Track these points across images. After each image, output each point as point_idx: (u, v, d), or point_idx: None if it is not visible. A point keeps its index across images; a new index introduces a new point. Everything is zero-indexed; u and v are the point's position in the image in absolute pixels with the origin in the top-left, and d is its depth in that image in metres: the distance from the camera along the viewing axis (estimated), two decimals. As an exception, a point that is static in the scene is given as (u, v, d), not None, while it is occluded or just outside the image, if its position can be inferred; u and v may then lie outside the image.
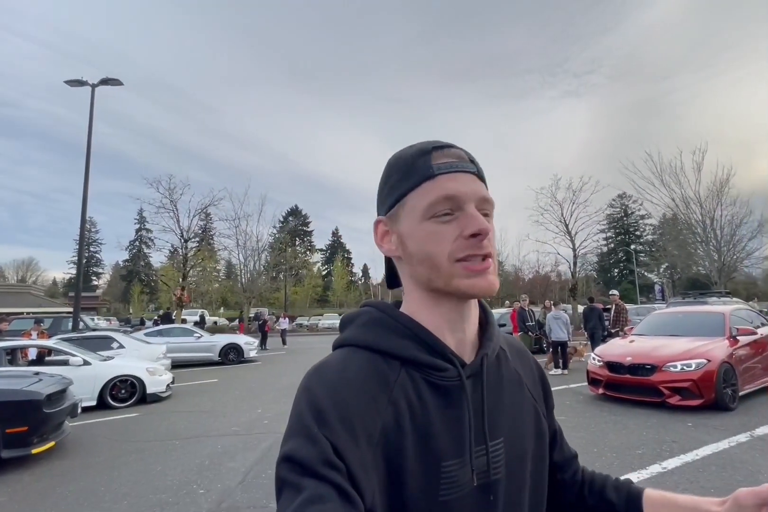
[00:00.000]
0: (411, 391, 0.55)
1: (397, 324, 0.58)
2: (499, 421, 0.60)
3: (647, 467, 3.87)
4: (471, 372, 0.58)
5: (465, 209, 0.56)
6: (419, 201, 0.56)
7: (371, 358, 0.56)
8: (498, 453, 0.58)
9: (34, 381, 5.04)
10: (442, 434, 0.54)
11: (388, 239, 0.61)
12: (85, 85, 14.87)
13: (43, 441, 4.72)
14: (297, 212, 68.84)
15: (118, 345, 9.67)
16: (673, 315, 7.72)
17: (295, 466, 0.46)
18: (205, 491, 3.75)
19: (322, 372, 0.54)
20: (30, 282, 63.20)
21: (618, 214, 63.66)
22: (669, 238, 31.73)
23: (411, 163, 0.58)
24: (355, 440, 0.49)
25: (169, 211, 22.70)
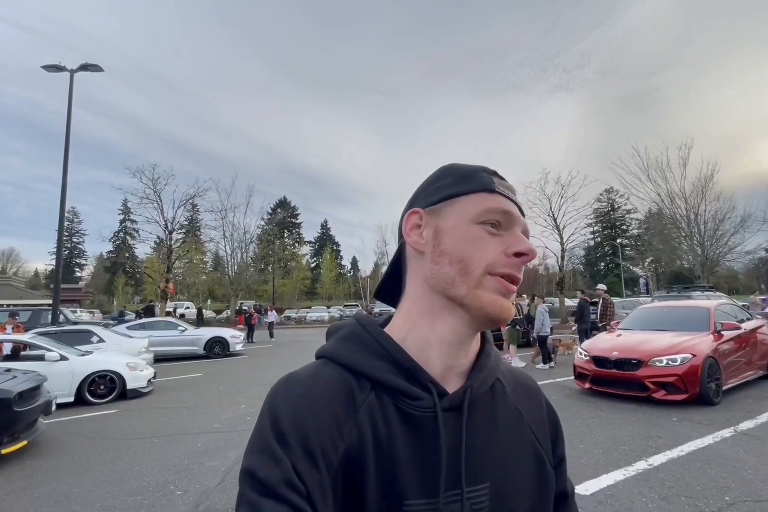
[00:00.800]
0: (378, 416, 0.51)
1: (374, 343, 0.55)
2: (485, 463, 0.53)
3: (633, 463, 3.84)
4: (450, 404, 0.53)
5: (513, 230, 0.55)
6: (475, 204, 0.55)
7: (342, 376, 0.53)
8: (481, 499, 0.51)
9: (4, 378, 4.84)
10: (409, 469, 0.49)
11: (418, 232, 0.58)
12: (63, 70, 14.36)
13: (14, 440, 4.55)
14: (285, 204, 68.16)
15: (98, 339, 9.42)
16: (659, 310, 7.75)
17: (255, 484, 0.45)
18: (182, 492, 3.62)
19: (288, 385, 0.51)
20: (11, 273, 61.81)
21: (605, 209, 64.35)
22: (654, 232, 32.17)
23: (473, 173, 0.58)
24: (315, 463, 0.46)
25: (153, 201, 22.20)
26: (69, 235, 68.35)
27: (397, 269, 0.62)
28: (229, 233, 29.13)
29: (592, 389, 6.46)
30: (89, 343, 9.16)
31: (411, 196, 0.63)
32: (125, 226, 62.18)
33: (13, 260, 71.79)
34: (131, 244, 57.71)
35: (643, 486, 3.40)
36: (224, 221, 28.28)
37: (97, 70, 14.62)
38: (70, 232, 68.48)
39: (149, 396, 7.62)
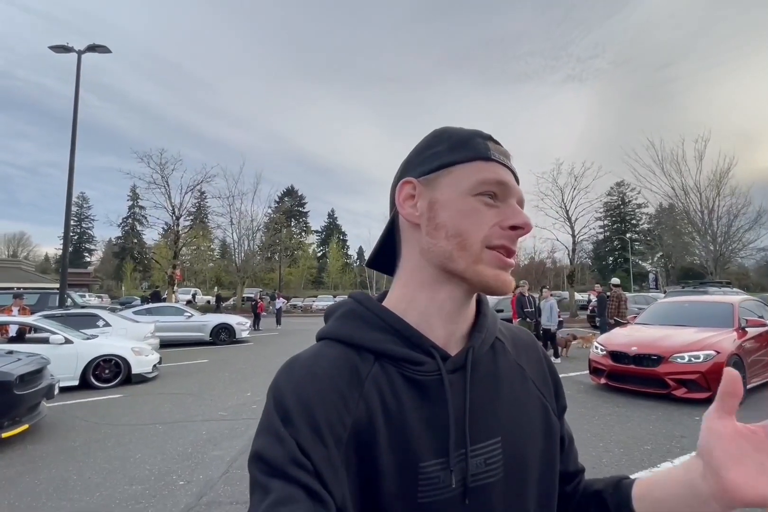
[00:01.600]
0: (385, 386, 0.51)
1: (372, 316, 0.56)
2: (495, 419, 0.55)
3: (658, 464, 3.64)
4: (455, 366, 0.54)
5: (509, 202, 0.54)
6: (470, 174, 0.53)
7: (344, 352, 0.53)
8: (493, 454, 0.53)
9: (5, 360, 4.72)
10: (420, 432, 0.50)
11: (412, 203, 0.56)
12: (71, 51, 14.15)
13: (16, 424, 4.43)
14: (293, 192, 67.92)
15: (104, 323, 9.33)
16: (678, 305, 7.48)
17: (263, 466, 0.45)
18: (185, 482, 3.48)
19: (291, 368, 0.51)
20: (21, 257, 62.40)
21: (615, 202, 63.40)
22: (665, 227, 31.65)
23: (467, 138, 0.56)
24: (322, 439, 0.46)
25: (161, 186, 22.06)
26: (78, 221, 68.73)
27: (390, 238, 0.61)
28: (236, 220, 29.00)
29: (608, 384, 6.25)
30: (95, 327, 9.07)
31: (402, 161, 0.61)
32: (134, 211, 62.22)
33: (24, 244, 72.45)
34: (139, 230, 57.90)
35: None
36: (231, 208, 28.14)
37: (104, 52, 14.38)
38: (79, 218, 68.85)
39: (154, 381, 7.53)
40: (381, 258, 0.63)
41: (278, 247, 38.21)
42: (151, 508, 3.07)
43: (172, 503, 3.15)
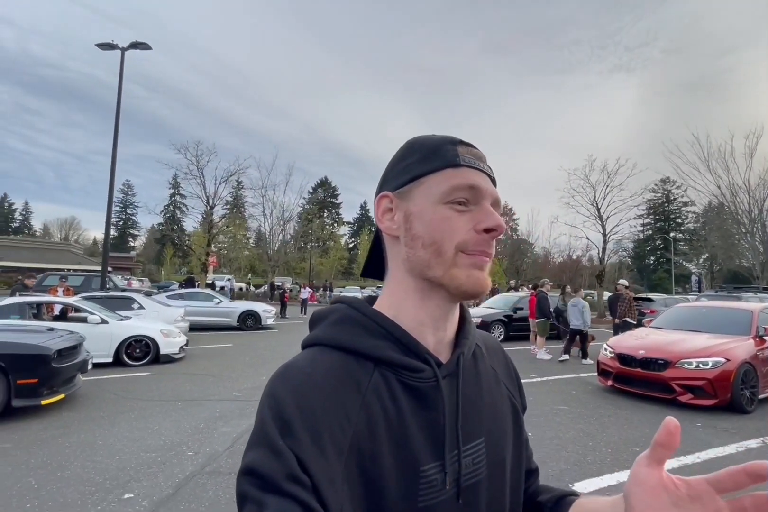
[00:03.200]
0: (385, 394, 0.52)
1: (370, 323, 0.56)
2: (479, 421, 0.58)
3: (641, 466, 3.71)
4: (447, 372, 0.56)
5: (482, 204, 0.55)
6: (440, 183, 0.54)
7: (342, 359, 0.53)
8: (479, 453, 0.56)
9: (46, 336, 5.25)
10: (419, 437, 0.51)
11: (390, 216, 0.58)
12: (115, 48, 14.94)
13: (53, 393, 4.95)
14: (326, 184, 68.75)
15: (139, 306, 10.01)
16: (696, 310, 7.31)
17: (257, 480, 0.44)
18: (193, 453, 3.85)
19: (288, 376, 0.50)
20: (72, 240, 66.33)
21: (659, 200, 60.70)
22: (712, 227, 30.14)
23: (436, 147, 0.57)
24: (323, 451, 0.46)
25: (196, 177, 22.97)
26: (123, 207, 72.27)
27: (378, 248, 0.64)
28: (269, 210, 29.81)
29: (615, 387, 6.25)
30: (130, 309, 9.76)
31: (381, 175, 0.62)
32: (174, 199, 64.88)
33: (75, 228, 76.99)
34: (179, 218, 60.30)
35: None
36: (264, 198, 28.92)
37: (145, 48, 15.09)
38: (124, 204, 72.36)
39: (180, 362, 8.08)
40: (372, 265, 0.67)
41: (310, 237, 39.00)
42: (161, 473, 3.44)
43: (179, 470, 3.51)
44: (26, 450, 3.87)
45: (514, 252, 50.56)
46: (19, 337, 5.00)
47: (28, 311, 7.31)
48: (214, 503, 3.00)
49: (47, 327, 5.82)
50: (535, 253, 53.27)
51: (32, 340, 4.96)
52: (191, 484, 3.26)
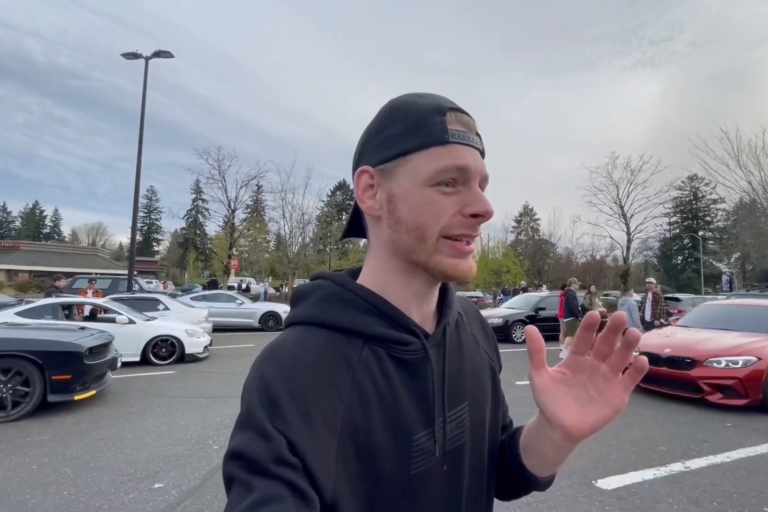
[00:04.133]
0: (376, 369, 0.52)
1: (357, 299, 0.54)
2: (463, 386, 0.59)
3: (667, 464, 3.64)
4: (434, 342, 0.57)
5: (471, 186, 0.52)
6: (426, 164, 0.51)
7: (330, 337, 0.52)
8: (463, 417, 0.58)
9: (78, 335, 5.46)
10: (410, 408, 0.52)
11: (371, 194, 0.55)
12: (139, 57, 15.43)
13: (85, 389, 5.15)
14: (344, 186, 69.10)
15: (164, 307, 10.28)
16: (724, 308, 7.11)
17: (244, 463, 0.43)
18: (219, 447, 3.95)
19: (275, 356, 0.50)
20: (99, 245, 68.43)
21: (686, 198, 58.92)
22: (744, 225, 29.17)
23: (422, 118, 0.52)
24: (314, 431, 0.46)
25: (218, 181, 23.45)
26: (147, 212, 74.12)
27: (358, 215, 0.60)
28: (288, 214, 30.18)
29: (639, 386, 6.11)
30: (156, 310, 10.03)
31: (359, 141, 0.58)
32: (197, 204, 66.26)
33: (101, 233, 79.37)
34: (201, 222, 61.55)
35: (673, 487, 3.22)
36: (284, 202, 29.29)
37: (168, 56, 15.54)
38: (148, 210, 74.21)
39: (205, 361, 8.27)
40: (352, 229, 0.64)
41: (329, 239, 39.31)
42: (188, 465, 3.55)
43: (205, 462, 3.62)
44: (62, 442, 4.04)
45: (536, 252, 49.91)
46: (54, 335, 5.21)
47: (60, 311, 7.60)
48: (239, 494, 3.08)
49: (79, 327, 6.05)
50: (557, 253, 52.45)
51: (65, 338, 5.17)
52: (217, 476, 3.34)
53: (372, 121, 0.57)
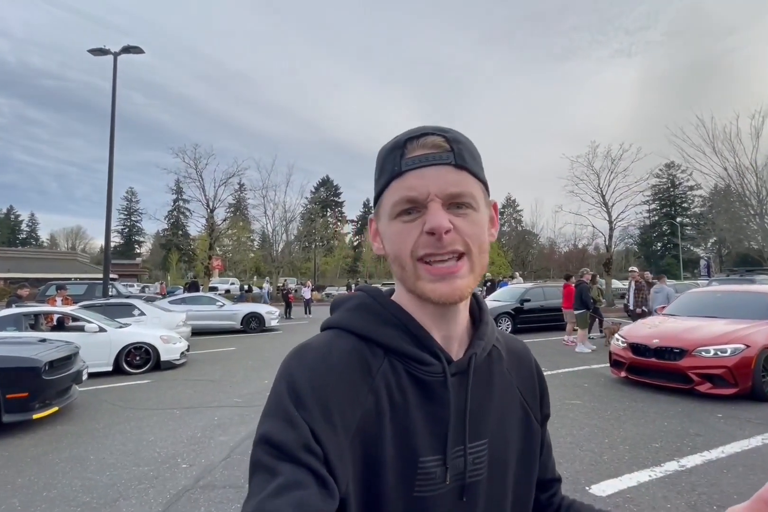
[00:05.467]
0: (392, 382, 0.53)
1: (385, 312, 0.57)
2: (485, 422, 0.58)
3: (662, 464, 3.48)
4: (457, 369, 0.57)
5: (428, 206, 0.53)
6: (388, 200, 0.55)
7: (356, 344, 0.55)
8: (481, 454, 0.57)
9: (37, 348, 5.09)
10: (422, 429, 0.52)
11: (378, 238, 0.60)
12: (107, 53, 14.81)
13: (46, 406, 4.80)
14: (328, 182, 68.61)
15: (140, 312, 9.87)
16: (710, 295, 7.03)
17: (272, 449, 0.45)
18: (187, 466, 3.67)
19: (304, 355, 0.53)
20: (79, 250, 66.69)
21: (664, 185, 59.85)
22: (719, 210, 29.68)
23: (384, 159, 0.57)
24: (333, 427, 0.48)
25: (195, 180, 22.85)
26: (128, 214, 72.48)
27: None
28: (270, 211, 29.68)
29: (629, 378, 6.00)
30: (131, 316, 9.63)
31: None
32: (178, 204, 64.97)
33: (81, 237, 77.36)
34: (183, 223, 60.41)
35: (670, 490, 3.05)
36: (265, 199, 28.78)
37: (138, 52, 14.91)
38: (128, 212, 72.57)
39: (182, 368, 7.93)
40: None
41: (314, 236, 38.89)
42: (152, 489, 3.26)
43: (171, 485, 3.33)
44: (15, 468, 3.70)
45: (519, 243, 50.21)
46: (8, 350, 4.84)
47: (24, 322, 7.18)
48: (205, 521, 2.81)
49: (39, 339, 5.67)
50: (540, 243, 52.88)
51: (21, 353, 4.80)
52: (183, 501, 3.07)
53: None
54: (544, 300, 12.09)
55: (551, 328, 11.78)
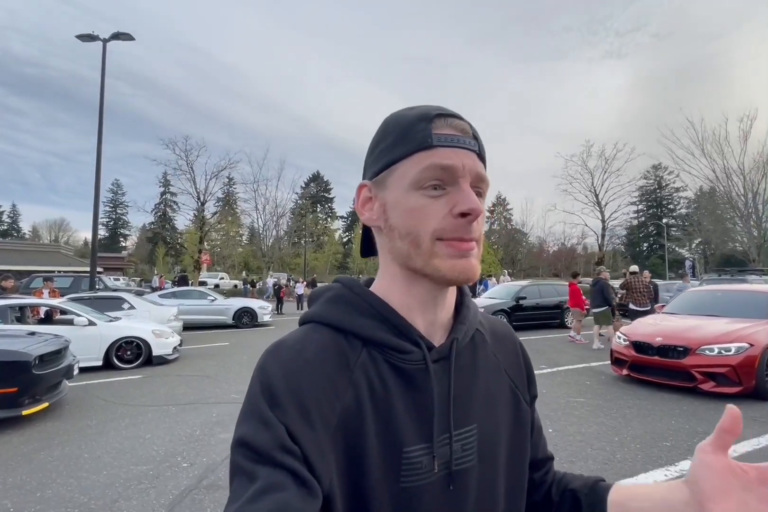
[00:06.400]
0: (372, 373, 0.52)
1: (361, 302, 0.56)
2: (472, 407, 0.57)
3: (676, 463, 3.44)
4: (439, 355, 0.55)
5: (459, 184, 0.51)
6: (411, 168, 0.52)
7: (333, 336, 0.53)
8: (470, 439, 0.55)
9: (27, 341, 4.88)
10: (405, 419, 0.51)
11: (370, 206, 0.57)
12: (96, 39, 14.39)
13: (36, 402, 4.60)
14: (318, 178, 68.13)
15: (129, 306, 9.62)
16: (710, 294, 7.06)
17: (248, 452, 0.44)
18: (188, 465, 3.52)
19: (278, 352, 0.51)
20: (62, 242, 65.30)
21: (651, 186, 60.71)
22: (705, 212, 30.18)
23: (408, 127, 0.53)
24: (310, 423, 0.46)
25: (185, 173, 22.43)
26: (113, 207, 71.17)
27: (370, 230, 0.61)
28: (261, 206, 29.34)
29: (631, 376, 5.99)
30: (120, 310, 9.37)
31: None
32: (165, 197, 63.91)
33: (64, 229, 75.78)
34: (171, 216, 59.47)
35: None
36: (256, 193, 28.44)
37: (128, 39, 14.52)
38: (114, 204, 71.26)
39: (174, 363, 7.73)
40: (366, 246, 0.64)
41: (304, 232, 38.57)
42: (153, 489, 3.11)
43: (173, 484, 3.18)
44: (4, 466, 3.52)
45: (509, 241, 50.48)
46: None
47: (9, 315, 6.91)
48: (212, 523, 2.68)
49: (28, 332, 5.44)
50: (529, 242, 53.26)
51: (10, 346, 4.59)
52: (187, 501, 2.93)
53: (372, 137, 0.59)
54: (539, 298, 12.10)
55: (547, 326, 11.81)
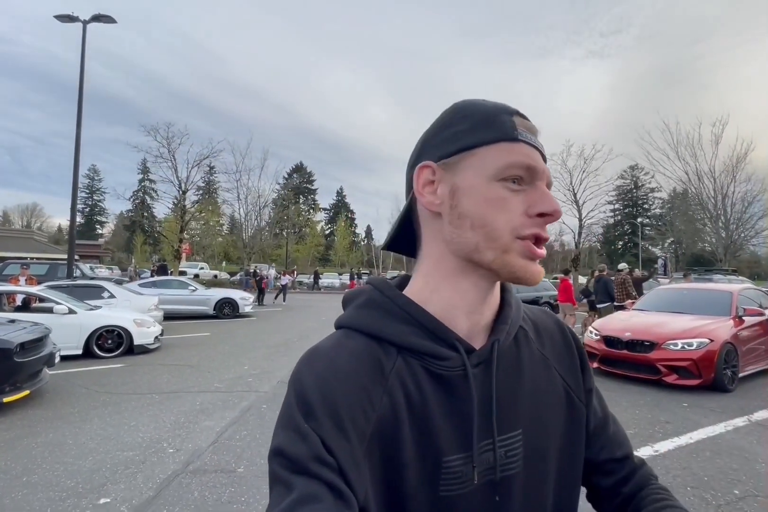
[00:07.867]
0: (408, 380, 0.51)
1: (393, 306, 0.54)
2: (517, 411, 0.55)
3: (638, 449, 3.69)
4: (480, 359, 0.53)
5: (537, 185, 0.51)
6: (495, 157, 0.50)
7: (367, 344, 0.52)
8: (515, 445, 0.53)
9: (7, 329, 4.84)
10: (444, 427, 0.50)
11: (432, 189, 0.53)
12: (76, 21, 13.91)
13: (16, 389, 4.59)
14: (301, 169, 67.51)
15: (109, 294, 9.51)
16: (677, 292, 7.42)
17: (286, 462, 0.44)
18: (174, 450, 3.61)
19: (312, 360, 0.50)
20: (35, 228, 63.18)
21: (628, 186, 62.22)
22: (678, 212, 31.13)
23: (492, 115, 0.52)
24: (345, 435, 0.46)
25: (167, 160, 22.00)
26: (90, 193, 69.16)
27: (408, 222, 0.58)
28: (243, 196, 28.98)
29: (600, 369, 6.29)
30: (100, 298, 9.26)
31: (419, 140, 0.57)
32: (144, 185, 62.36)
33: (37, 215, 73.33)
34: (150, 204, 58.18)
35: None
36: (239, 183, 28.07)
37: (109, 21, 14.08)
38: (90, 190, 69.23)
39: (156, 352, 7.72)
40: (398, 239, 0.61)
41: (286, 223, 38.28)
42: (140, 473, 3.19)
43: (160, 469, 3.27)
44: (-12, 452, 3.54)
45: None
46: (-24, 330, 4.58)
47: (-15, 302, 6.80)
48: (200, 505, 2.78)
49: (8, 319, 5.39)
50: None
51: (-9, 333, 4.56)
52: (174, 485, 3.03)
53: (435, 121, 0.56)
54: (516, 293, 12.40)
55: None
